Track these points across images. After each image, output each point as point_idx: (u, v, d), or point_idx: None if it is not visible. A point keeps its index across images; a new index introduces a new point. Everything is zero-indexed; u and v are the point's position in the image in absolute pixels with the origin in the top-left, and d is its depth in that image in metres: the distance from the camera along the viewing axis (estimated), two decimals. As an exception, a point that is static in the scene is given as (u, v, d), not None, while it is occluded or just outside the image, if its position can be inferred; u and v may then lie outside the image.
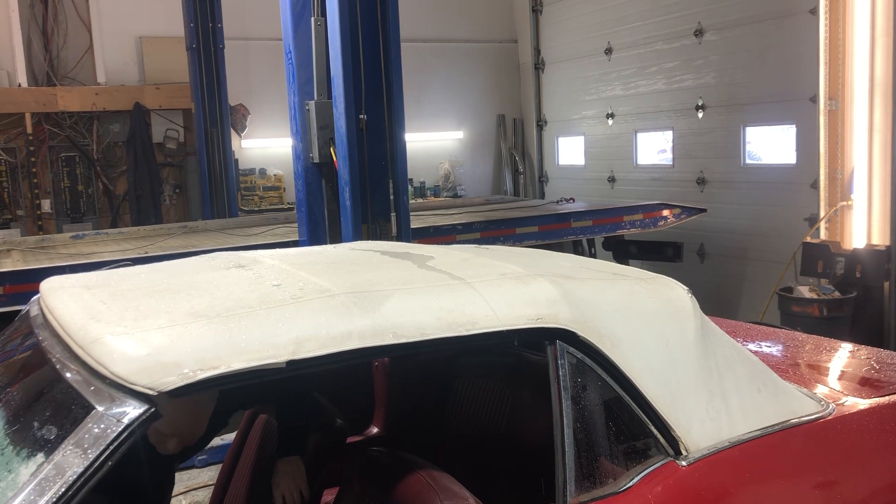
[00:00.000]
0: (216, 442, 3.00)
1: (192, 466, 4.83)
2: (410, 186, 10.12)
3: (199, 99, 8.74)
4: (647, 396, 2.17)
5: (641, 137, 9.68)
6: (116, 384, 1.67)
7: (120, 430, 1.61)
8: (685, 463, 2.18)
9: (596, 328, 2.15)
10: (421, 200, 10.23)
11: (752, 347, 3.24)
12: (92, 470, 1.58)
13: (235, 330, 1.79)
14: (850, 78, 6.70)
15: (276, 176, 10.05)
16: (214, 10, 8.66)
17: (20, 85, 8.70)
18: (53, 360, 1.90)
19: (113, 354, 1.71)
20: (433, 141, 11.12)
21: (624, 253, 8.00)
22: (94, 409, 1.66)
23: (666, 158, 9.36)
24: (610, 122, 10.04)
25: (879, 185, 6.56)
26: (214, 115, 8.76)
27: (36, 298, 2.38)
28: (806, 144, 7.37)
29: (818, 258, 6.82)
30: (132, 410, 1.63)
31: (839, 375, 3.12)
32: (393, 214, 4.78)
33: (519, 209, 8.06)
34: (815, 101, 7.06)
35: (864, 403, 2.62)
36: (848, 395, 2.69)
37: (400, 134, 4.81)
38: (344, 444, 2.88)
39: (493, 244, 5.37)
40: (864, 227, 6.68)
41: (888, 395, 2.69)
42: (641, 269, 2.66)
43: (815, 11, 7.01)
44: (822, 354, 3.31)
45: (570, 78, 10.74)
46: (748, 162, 8.24)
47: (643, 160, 9.72)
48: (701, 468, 2.19)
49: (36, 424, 1.78)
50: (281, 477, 2.55)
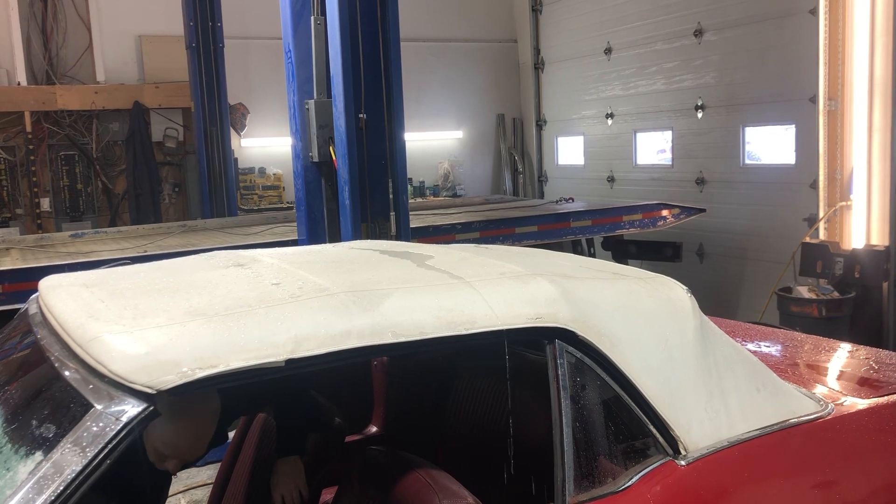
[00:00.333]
0: (215, 441, 2.98)
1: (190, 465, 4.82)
2: (410, 186, 10.11)
3: (198, 98, 8.72)
4: (646, 396, 2.17)
5: (641, 137, 9.68)
6: (115, 382, 1.67)
7: (118, 428, 1.61)
8: (684, 462, 2.18)
9: (595, 327, 2.15)
10: (420, 200, 10.23)
11: (751, 347, 3.24)
12: (90, 468, 1.58)
13: (234, 328, 1.79)
14: (849, 78, 6.71)
15: (275, 175, 10.04)
16: (214, 8, 8.64)
17: (19, 83, 8.69)
18: (52, 358, 1.89)
19: (112, 353, 1.70)
20: (433, 140, 11.12)
21: (623, 253, 8.00)
22: (92, 407, 1.66)
23: (665, 158, 9.36)
24: (609, 121, 10.04)
25: (879, 185, 6.56)
26: (214, 113, 8.74)
27: (35, 297, 2.38)
28: (805, 144, 7.37)
29: (817, 258, 6.82)
30: (131, 409, 1.63)
31: (838, 375, 3.12)
32: (392, 214, 4.78)
33: (518, 209, 8.05)
34: (814, 101, 7.06)
35: (862, 403, 2.62)
36: (847, 395, 2.70)
37: (399, 133, 4.81)
38: (343, 443, 2.88)
39: (492, 243, 5.36)
40: (863, 227, 6.69)
41: (887, 395, 2.70)
42: (641, 268, 2.66)
43: (814, 12, 7.01)
44: (820, 354, 3.31)
45: (569, 78, 10.74)
46: (747, 162, 8.24)
47: (642, 160, 9.72)
48: (700, 468, 2.19)
49: (34, 423, 1.78)
50: (280, 477, 2.55)
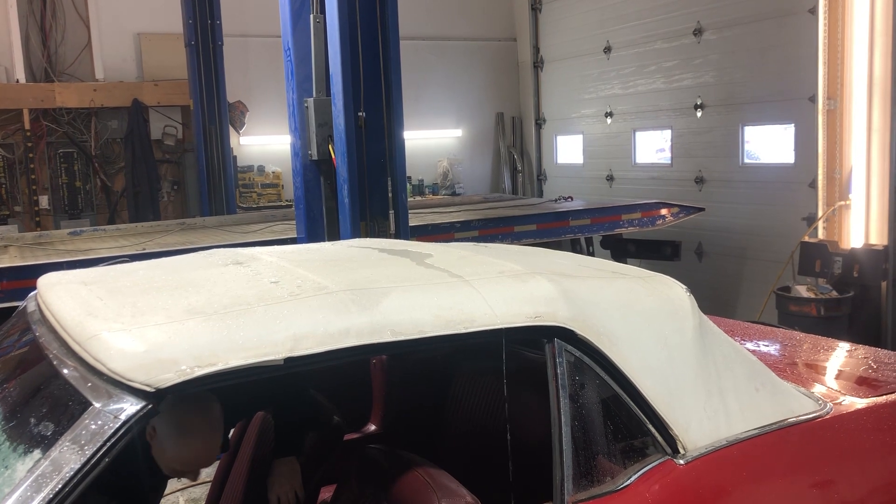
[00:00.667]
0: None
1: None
2: (409, 184, 10.10)
3: (197, 95, 8.71)
4: (644, 395, 2.17)
5: (640, 136, 9.67)
6: (114, 381, 1.67)
7: (117, 426, 1.61)
8: (683, 461, 2.18)
9: (594, 326, 2.15)
10: (419, 198, 10.23)
11: (749, 346, 3.24)
12: (89, 466, 1.58)
13: (233, 327, 1.79)
14: (848, 77, 6.71)
15: (274, 173, 10.03)
16: (213, 6, 8.63)
17: (18, 81, 8.67)
18: (50, 356, 1.89)
19: (110, 351, 1.70)
20: (432, 139, 11.11)
21: (622, 252, 8.00)
22: (91, 405, 1.65)
23: (664, 157, 9.36)
24: (609, 120, 10.04)
25: (878, 184, 6.57)
26: (213, 111, 8.72)
27: (33, 294, 2.37)
28: (804, 144, 7.37)
29: (816, 257, 6.82)
30: (129, 407, 1.63)
31: (837, 375, 3.12)
32: (391, 212, 4.77)
33: (517, 207, 8.05)
34: (813, 100, 7.06)
35: (861, 403, 2.63)
36: (845, 394, 2.70)
37: (399, 132, 4.80)
38: (341, 441, 2.87)
39: (491, 242, 5.37)
40: (861, 226, 6.69)
41: (885, 394, 2.70)
42: (640, 267, 2.66)
43: (814, 11, 7.01)
44: (819, 354, 3.31)
45: (568, 76, 10.73)
46: (747, 161, 8.24)
47: (642, 159, 9.71)
48: (698, 467, 2.19)
49: (33, 420, 1.78)
50: (276, 477, 2.53)
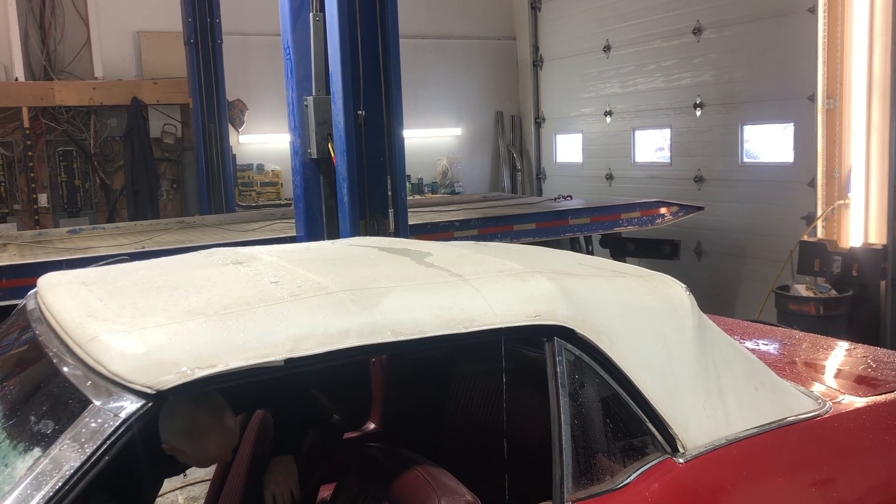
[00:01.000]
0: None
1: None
2: (408, 183, 10.10)
3: (196, 94, 8.70)
4: (644, 394, 2.17)
5: (639, 135, 9.67)
6: (114, 382, 1.66)
7: (117, 424, 1.61)
8: (682, 460, 2.18)
9: (594, 325, 2.15)
10: (419, 197, 10.23)
11: (749, 345, 3.24)
12: (89, 465, 1.58)
13: (233, 328, 1.79)
14: (848, 77, 6.70)
15: (273, 171, 10.03)
16: (213, 5, 8.63)
17: (17, 79, 8.67)
18: (50, 355, 1.89)
19: (111, 353, 1.70)
20: (431, 137, 11.11)
21: (621, 250, 8.01)
22: (91, 403, 1.65)
23: (664, 156, 9.36)
24: (608, 119, 10.04)
25: (877, 183, 6.57)
26: (212, 110, 8.72)
27: (32, 293, 2.37)
28: (804, 143, 7.37)
29: (815, 256, 6.82)
30: (129, 405, 1.63)
31: (836, 374, 3.12)
32: (391, 211, 4.77)
33: (517, 206, 8.05)
34: (813, 99, 7.06)
35: (860, 402, 2.63)
36: (844, 393, 2.70)
37: (398, 130, 4.80)
38: (341, 440, 2.87)
39: (490, 241, 5.37)
40: (861, 225, 6.69)
41: (884, 393, 2.70)
42: (639, 266, 2.66)
43: (813, 10, 7.01)
44: (818, 353, 3.31)
45: (568, 75, 10.73)
46: (746, 160, 8.24)
47: (641, 158, 9.71)
48: (698, 466, 2.19)
49: (33, 419, 1.78)
50: (272, 476, 2.52)
